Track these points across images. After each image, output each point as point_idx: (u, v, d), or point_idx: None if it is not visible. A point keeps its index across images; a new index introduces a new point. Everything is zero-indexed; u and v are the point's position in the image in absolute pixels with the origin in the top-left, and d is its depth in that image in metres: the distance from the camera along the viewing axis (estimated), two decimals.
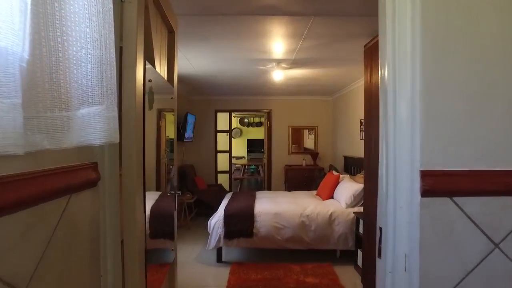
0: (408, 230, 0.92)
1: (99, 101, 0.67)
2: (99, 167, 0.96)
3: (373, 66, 2.88)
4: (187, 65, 4.20)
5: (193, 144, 6.83)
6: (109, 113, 0.68)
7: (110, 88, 0.69)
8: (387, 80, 1.02)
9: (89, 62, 0.67)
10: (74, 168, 0.80)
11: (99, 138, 0.67)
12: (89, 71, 0.68)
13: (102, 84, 0.68)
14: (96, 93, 0.67)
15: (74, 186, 0.79)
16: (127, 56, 1.02)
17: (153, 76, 1.34)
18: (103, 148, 0.97)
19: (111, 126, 0.68)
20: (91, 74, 0.68)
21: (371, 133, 2.90)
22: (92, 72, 0.67)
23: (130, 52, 1.02)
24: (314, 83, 5.45)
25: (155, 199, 2.27)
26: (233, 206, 4.05)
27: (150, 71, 1.29)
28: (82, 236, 0.91)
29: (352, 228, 3.77)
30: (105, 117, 0.67)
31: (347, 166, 5.78)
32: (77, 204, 0.84)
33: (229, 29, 2.93)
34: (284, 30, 2.95)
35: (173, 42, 1.88)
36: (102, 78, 0.68)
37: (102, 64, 0.68)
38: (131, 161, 1.06)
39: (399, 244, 0.96)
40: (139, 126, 1.12)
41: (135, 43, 1.02)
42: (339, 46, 3.39)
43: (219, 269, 3.64)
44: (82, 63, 0.67)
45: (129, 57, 1.02)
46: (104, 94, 0.68)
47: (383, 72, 1.06)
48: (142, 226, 1.15)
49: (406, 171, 0.93)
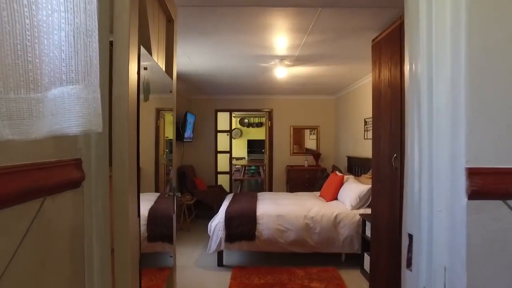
0: (449, 239, 0.78)
1: (75, 78, 0.53)
2: (84, 164, 0.82)
3: (381, 61, 2.75)
4: (187, 62, 4.06)
5: (192, 144, 6.70)
6: (89, 94, 0.54)
7: (90, 63, 0.54)
8: (418, 62, 0.88)
9: (62, 29, 0.53)
10: (49, 165, 0.66)
11: (75, 126, 0.52)
12: (63, 41, 0.53)
13: (78, 57, 0.53)
14: (72, 69, 0.52)
15: (49, 186, 0.65)
16: (119, 34, 0.88)
17: (150, 64, 1.21)
18: (88, 142, 0.83)
19: (91, 110, 0.53)
20: (65, 45, 0.53)
21: (380, 132, 2.76)
22: (67, 42, 0.53)
23: (122, 30, 0.88)
24: (317, 82, 5.32)
25: (154, 201, 2.17)
26: (234, 208, 3.91)
27: (146, 58, 1.16)
28: (61, 248, 0.76)
29: (358, 230, 3.64)
30: (83, 99, 0.52)
31: (351, 166, 5.65)
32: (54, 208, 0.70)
33: (231, 23, 2.80)
34: (289, 23, 2.82)
35: (172, 31, 1.74)
36: (80, 50, 0.53)
37: (79, 32, 0.53)
38: (123, 158, 0.92)
39: (436, 255, 0.81)
40: (133, 118, 0.98)
41: (128, 20, 0.88)
42: (345, 41, 3.26)
43: (220, 274, 3.50)
44: (55, 30, 0.52)
45: (121, 36, 0.88)
46: (82, 69, 0.53)
47: (412, 55, 0.92)
48: (136, 232, 1.01)
49: (446, 168, 0.79)
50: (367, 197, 3.86)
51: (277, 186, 6.87)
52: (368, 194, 3.85)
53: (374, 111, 2.91)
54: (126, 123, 0.91)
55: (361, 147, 5.28)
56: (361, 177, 4.53)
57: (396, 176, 2.43)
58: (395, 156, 2.45)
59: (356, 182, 4.25)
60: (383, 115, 2.71)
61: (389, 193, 2.56)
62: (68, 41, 0.53)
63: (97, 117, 0.55)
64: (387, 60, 2.63)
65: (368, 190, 3.84)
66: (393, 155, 2.48)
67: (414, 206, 0.88)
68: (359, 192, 3.87)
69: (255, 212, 3.79)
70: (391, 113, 2.55)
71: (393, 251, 2.46)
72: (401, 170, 2.36)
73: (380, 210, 2.73)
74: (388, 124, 2.59)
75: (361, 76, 4.99)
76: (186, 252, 4.11)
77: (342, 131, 6.40)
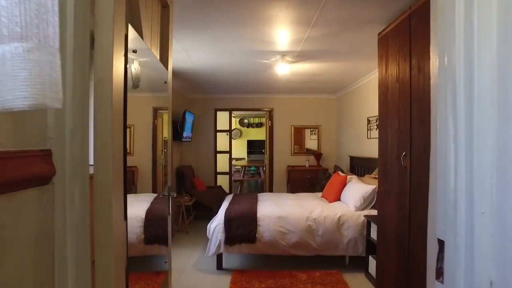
0: (496, 247, 0.65)
1: (21, 33, 0.39)
2: (55, 157, 0.68)
3: (389, 55, 2.62)
4: (185, 58, 3.93)
5: (191, 144, 6.57)
6: (42, 56, 0.40)
7: (46, 15, 0.40)
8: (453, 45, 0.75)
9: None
10: (3, 155, 0.53)
11: (22, 98, 0.38)
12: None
13: (27, 4, 0.39)
14: (17, 20, 0.39)
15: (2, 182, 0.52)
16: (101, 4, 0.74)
17: (140, 48, 1.08)
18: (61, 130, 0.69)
19: (45, 78, 0.39)
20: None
21: (387, 129, 2.63)
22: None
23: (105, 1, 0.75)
24: (318, 80, 5.19)
25: (151, 202, 2.07)
26: (234, 209, 3.77)
27: (136, 41, 1.02)
28: (17, 262, 0.59)
29: (363, 232, 3.51)
30: (34, 62, 0.38)
31: (353, 166, 5.52)
32: (8, 210, 0.56)
33: (230, 15, 2.67)
34: (292, 16, 2.69)
35: (168, 17, 1.61)
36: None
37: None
38: (106, 151, 0.78)
39: (479, 265, 0.68)
40: (118, 106, 0.84)
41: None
42: (349, 35, 3.13)
43: (219, 277, 3.37)
44: None
45: (104, 7, 0.75)
46: (32, 22, 0.39)
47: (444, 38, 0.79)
48: (122, 239, 0.87)
49: (490, 162, 0.66)
50: (371, 198, 3.73)
51: (277, 187, 6.74)
52: (372, 195, 3.72)
53: (381, 108, 2.78)
54: (109, 111, 0.78)
55: (364, 147, 5.15)
56: (365, 177, 4.40)
57: (405, 175, 2.29)
58: (404, 154, 2.32)
59: (359, 182, 4.12)
60: (390, 111, 2.58)
61: (397, 194, 2.43)
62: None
63: (54, 88, 0.41)
64: (395, 54, 2.50)
65: (372, 191, 3.71)
66: (401, 153, 2.35)
67: (448, 207, 0.75)
68: (363, 192, 3.74)
69: (255, 214, 3.65)
70: (399, 109, 2.42)
71: (402, 255, 2.33)
72: (410, 169, 2.23)
73: (387, 211, 2.60)
74: (396, 121, 2.46)
75: (365, 74, 4.87)
76: (184, 255, 3.97)
77: (344, 130, 6.27)
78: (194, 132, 6.56)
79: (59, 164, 0.69)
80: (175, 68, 4.39)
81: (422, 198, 2.07)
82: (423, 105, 2.08)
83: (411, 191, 2.22)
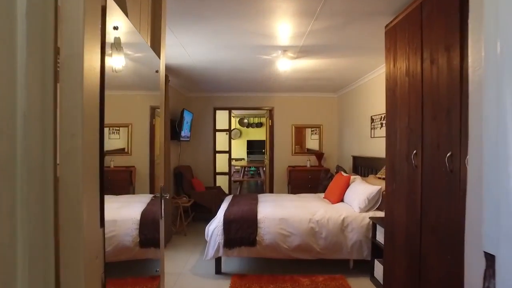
0: None
1: None
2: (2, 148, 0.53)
3: (397, 48, 2.48)
4: (182, 54, 3.78)
5: (190, 143, 6.42)
6: None
7: None
8: None
9: None
10: None
11: None
12: None
13: None
14: None
15: None
16: None
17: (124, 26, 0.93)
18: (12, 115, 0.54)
19: None
20: None
21: (396, 126, 2.48)
22: None
23: None
24: (320, 77, 5.04)
25: (147, 203, 1.90)
26: (234, 211, 3.62)
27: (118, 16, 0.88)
28: None
29: (368, 235, 3.36)
30: None
31: (356, 166, 5.37)
32: None
33: (229, 5, 2.52)
34: (294, 6, 2.54)
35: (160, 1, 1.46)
36: None
37: None
38: (74, 144, 0.63)
39: None
40: (92, 88, 0.69)
41: None
42: (354, 28, 2.98)
43: (218, 282, 3.22)
44: None
45: None
46: None
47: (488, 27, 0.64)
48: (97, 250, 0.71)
49: None
50: (376, 199, 3.58)
51: (278, 187, 6.59)
52: (377, 196, 3.57)
53: (388, 104, 2.63)
54: (79, 93, 0.63)
55: (368, 146, 5.01)
56: (369, 177, 4.25)
57: (416, 175, 2.15)
58: (414, 153, 2.17)
59: (364, 183, 3.96)
60: (399, 107, 2.44)
61: (407, 194, 2.28)
62: None
63: None
64: (404, 46, 2.35)
65: (377, 192, 3.56)
66: (412, 152, 2.20)
67: (501, 215, 0.60)
68: (368, 193, 3.59)
69: (255, 215, 3.50)
70: (409, 105, 2.28)
71: (412, 260, 2.18)
72: (422, 168, 2.09)
73: (396, 213, 2.45)
74: (406, 117, 2.32)
75: (368, 71, 4.72)
76: (181, 258, 3.82)
77: (346, 130, 6.13)
78: (193, 132, 6.41)
79: (7, 156, 0.54)
80: (172, 64, 4.24)
81: (436, 199, 1.92)
82: (436, 100, 1.93)
83: (422, 192, 2.08)
